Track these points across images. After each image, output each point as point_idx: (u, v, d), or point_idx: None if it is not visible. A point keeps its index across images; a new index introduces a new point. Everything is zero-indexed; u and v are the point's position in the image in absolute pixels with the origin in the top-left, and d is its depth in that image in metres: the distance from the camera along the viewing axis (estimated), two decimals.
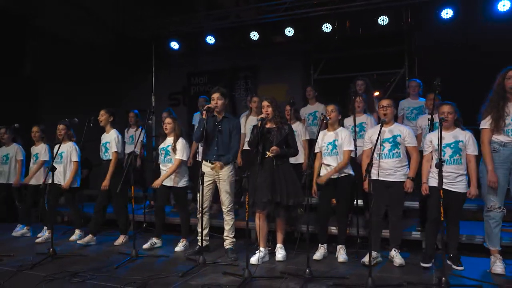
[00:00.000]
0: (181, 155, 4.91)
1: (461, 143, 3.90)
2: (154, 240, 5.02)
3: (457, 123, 3.99)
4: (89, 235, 5.31)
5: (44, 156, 5.88)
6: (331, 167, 4.35)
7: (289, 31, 7.53)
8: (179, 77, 9.94)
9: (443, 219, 3.49)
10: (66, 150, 5.53)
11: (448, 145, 3.91)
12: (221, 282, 3.72)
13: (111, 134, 5.35)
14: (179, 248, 4.89)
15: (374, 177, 3.95)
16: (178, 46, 8.37)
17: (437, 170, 3.45)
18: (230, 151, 4.59)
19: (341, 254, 4.32)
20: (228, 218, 4.62)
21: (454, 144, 3.91)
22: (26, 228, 5.92)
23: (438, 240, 4.00)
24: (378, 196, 4.05)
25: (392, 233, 4.24)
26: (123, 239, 5.36)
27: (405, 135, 4.16)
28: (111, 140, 5.30)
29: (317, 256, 4.32)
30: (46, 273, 4.00)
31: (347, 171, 4.37)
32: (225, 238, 4.65)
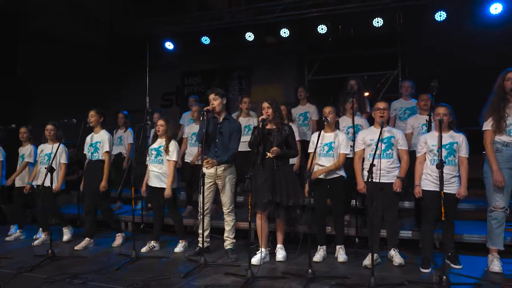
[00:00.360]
0: (175, 157, 4.92)
1: (456, 145, 3.98)
2: (153, 244, 4.99)
3: (451, 125, 4.06)
4: (86, 239, 5.19)
5: (29, 158, 5.80)
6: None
7: (285, 32, 7.56)
8: (173, 77, 9.89)
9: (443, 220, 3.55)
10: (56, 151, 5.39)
11: (443, 147, 3.96)
12: (224, 283, 3.73)
13: (103, 135, 5.27)
14: (179, 249, 4.89)
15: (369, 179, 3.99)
16: (173, 47, 8.31)
17: (438, 171, 3.51)
18: (227, 152, 4.60)
19: (341, 254, 4.35)
20: (229, 219, 4.62)
21: (449, 146, 3.98)
22: (19, 231, 5.82)
23: (435, 240, 4.04)
24: (375, 198, 4.09)
25: (389, 234, 4.29)
26: (121, 239, 5.32)
27: (399, 137, 4.25)
28: (104, 140, 5.23)
29: (317, 258, 4.34)
30: (46, 275, 3.96)
31: (340, 173, 4.41)
32: (225, 239, 4.66)
